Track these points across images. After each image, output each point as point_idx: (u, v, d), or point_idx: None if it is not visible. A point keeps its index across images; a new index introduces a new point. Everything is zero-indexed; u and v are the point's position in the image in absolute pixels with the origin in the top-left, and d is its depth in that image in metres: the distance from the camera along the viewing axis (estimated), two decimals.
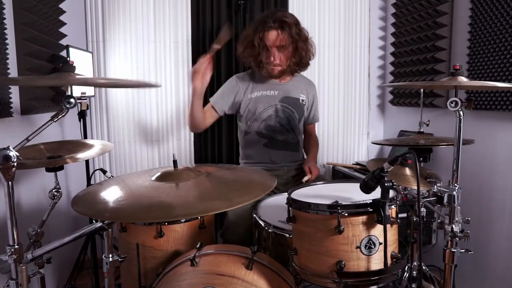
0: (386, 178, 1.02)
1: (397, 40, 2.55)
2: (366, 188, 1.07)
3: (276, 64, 1.90)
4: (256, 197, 1.04)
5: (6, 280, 1.02)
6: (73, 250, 2.13)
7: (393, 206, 1.10)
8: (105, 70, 2.42)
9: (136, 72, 2.47)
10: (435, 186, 1.20)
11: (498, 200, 1.81)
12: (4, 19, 1.46)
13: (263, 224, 1.40)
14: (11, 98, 1.51)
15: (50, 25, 1.87)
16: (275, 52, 1.88)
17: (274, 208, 1.54)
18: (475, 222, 1.87)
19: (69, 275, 2.05)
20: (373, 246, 1.05)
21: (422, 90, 1.91)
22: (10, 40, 1.53)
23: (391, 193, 1.08)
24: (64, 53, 2.04)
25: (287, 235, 1.32)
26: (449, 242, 1.17)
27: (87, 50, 2.25)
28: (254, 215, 1.47)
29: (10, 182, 0.93)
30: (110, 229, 1.11)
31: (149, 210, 0.98)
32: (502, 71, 1.70)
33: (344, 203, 1.05)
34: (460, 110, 1.13)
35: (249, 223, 1.55)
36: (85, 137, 2.02)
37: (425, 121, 1.59)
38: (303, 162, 2.12)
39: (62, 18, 2.01)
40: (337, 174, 2.63)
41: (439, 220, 1.24)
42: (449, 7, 2.09)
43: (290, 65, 1.93)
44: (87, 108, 2.02)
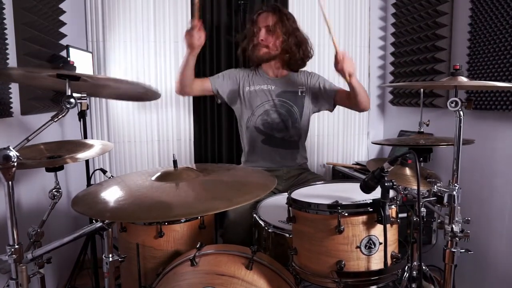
0: (386, 178, 1.02)
1: (397, 40, 2.55)
2: (366, 188, 1.07)
3: (263, 44, 1.93)
4: (256, 197, 1.04)
5: (6, 280, 1.02)
6: (73, 250, 2.13)
7: (393, 206, 1.10)
8: (105, 70, 2.42)
9: (136, 72, 2.47)
10: (435, 186, 1.20)
11: (498, 200, 1.81)
12: (4, 19, 1.46)
13: (263, 224, 1.40)
14: (11, 98, 1.51)
15: (50, 25, 1.87)
16: (263, 32, 1.93)
17: (274, 208, 1.54)
18: (475, 222, 1.87)
19: (69, 275, 2.04)
20: (373, 246, 1.05)
21: (422, 90, 1.91)
22: (10, 40, 1.53)
23: (391, 193, 1.08)
24: (64, 53, 2.04)
25: (287, 235, 1.32)
26: (449, 242, 1.17)
27: (87, 50, 2.25)
28: (254, 215, 1.47)
29: (10, 182, 0.93)
30: (110, 229, 1.11)
31: (149, 210, 0.98)
32: (502, 71, 1.70)
33: (344, 203, 1.05)
34: (460, 110, 1.13)
35: (249, 223, 1.55)
36: (85, 137, 2.02)
37: (425, 121, 1.59)
38: (304, 163, 2.11)
39: (62, 18, 2.01)
40: (337, 174, 2.63)
41: (439, 220, 1.24)
42: (449, 7, 2.09)
43: (281, 53, 1.95)
44: (87, 108, 2.02)
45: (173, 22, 2.47)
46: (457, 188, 1.16)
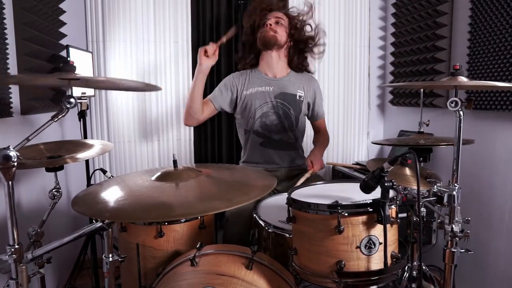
0: (386, 178, 1.02)
1: (397, 40, 2.55)
2: (366, 188, 1.07)
3: (271, 28, 1.94)
4: (256, 197, 1.04)
5: (6, 280, 1.02)
6: (73, 250, 2.13)
7: (393, 206, 1.09)
8: (105, 70, 2.42)
9: (136, 72, 2.47)
10: (435, 186, 1.20)
11: (498, 200, 1.81)
12: (4, 19, 1.46)
13: (263, 224, 1.40)
14: (11, 98, 1.51)
15: (50, 25, 1.87)
16: (272, 17, 1.96)
17: (274, 208, 1.54)
18: (475, 222, 1.87)
19: (69, 275, 2.04)
20: (373, 246, 1.05)
21: (422, 90, 1.91)
22: (10, 40, 1.53)
23: (391, 193, 1.08)
24: (64, 53, 2.04)
25: (287, 235, 1.32)
26: (449, 242, 1.17)
27: (87, 50, 2.25)
28: (254, 215, 1.47)
29: (10, 182, 0.93)
30: (110, 229, 1.11)
31: (149, 210, 0.98)
32: (502, 71, 1.70)
33: (344, 203, 1.05)
34: (460, 110, 1.13)
35: (249, 223, 1.54)
36: (85, 137, 2.02)
37: (425, 121, 1.59)
38: (303, 164, 2.11)
39: (62, 18, 2.01)
40: (337, 174, 2.63)
41: (439, 220, 1.24)
42: (449, 7, 2.09)
43: (285, 47, 1.98)
44: (87, 108, 2.03)
45: (173, 22, 2.47)
46: (457, 188, 1.15)
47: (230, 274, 1.10)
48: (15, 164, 0.91)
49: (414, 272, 1.47)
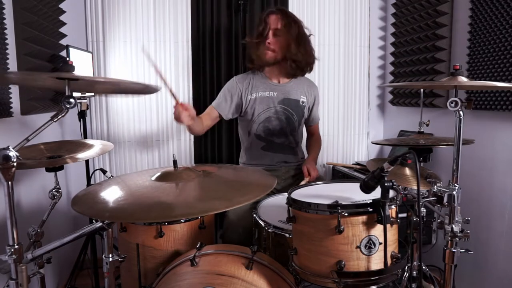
0: (386, 178, 1.02)
1: (397, 40, 2.55)
2: (366, 188, 1.07)
3: (269, 47, 1.91)
4: (256, 197, 1.04)
5: (6, 280, 1.02)
6: (73, 250, 2.13)
7: (393, 206, 1.09)
8: (105, 70, 2.42)
9: (136, 72, 2.47)
10: (435, 186, 1.20)
11: (498, 200, 1.81)
12: (4, 19, 1.46)
13: (263, 224, 1.40)
14: (11, 98, 1.51)
15: (50, 25, 1.87)
16: (270, 34, 1.91)
17: (274, 208, 1.54)
18: (475, 222, 1.87)
19: (69, 275, 2.04)
20: (373, 246, 1.05)
21: (422, 90, 1.91)
22: (10, 40, 1.53)
23: (391, 193, 1.08)
24: (64, 53, 2.04)
25: (287, 235, 1.32)
26: (449, 242, 1.17)
27: (87, 50, 2.25)
28: (254, 215, 1.47)
29: (10, 182, 0.93)
30: (110, 229, 1.11)
31: (149, 210, 0.98)
32: (502, 71, 1.70)
33: (344, 203, 1.05)
34: (460, 110, 1.13)
35: (249, 223, 1.55)
36: (85, 137, 2.02)
37: (425, 121, 1.59)
38: (302, 162, 2.12)
39: (62, 18, 2.01)
40: (337, 174, 2.63)
41: (439, 220, 1.24)
42: (449, 7, 2.09)
43: (285, 57, 1.92)
44: (87, 108, 2.02)
45: (173, 22, 2.47)
46: (457, 188, 1.15)
47: (230, 274, 1.10)
48: (15, 164, 0.91)
49: (414, 272, 1.47)
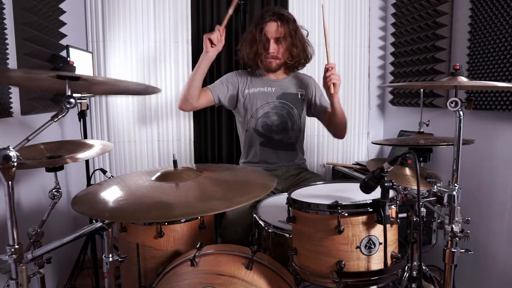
0: (386, 178, 1.02)
1: (397, 40, 2.55)
2: (366, 188, 1.07)
3: (273, 56, 1.92)
4: (256, 197, 1.04)
5: (6, 280, 1.02)
6: (73, 250, 2.13)
7: (393, 206, 1.09)
8: (105, 70, 2.42)
9: (136, 72, 2.47)
10: (435, 186, 1.20)
11: (498, 200, 1.81)
12: (4, 19, 1.46)
13: (263, 224, 1.40)
14: (11, 98, 1.51)
15: (50, 25, 1.87)
16: (273, 43, 1.91)
17: (274, 208, 1.54)
18: (475, 222, 1.87)
19: (69, 275, 2.04)
20: (373, 246, 1.05)
21: (422, 90, 1.91)
22: (10, 40, 1.53)
23: (391, 193, 1.08)
24: (64, 53, 2.04)
25: (287, 235, 1.32)
26: (449, 242, 1.17)
27: (87, 50, 2.25)
28: (254, 215, 1.47)
29: (10, 182, 0.93)
30: (110, 229, 1.11)
31: (149, 210, 0.98)
32: (502, 71, 1.70)
33: (344, 203, 1.05)
34: (460, 110, 1.13)
35: (247, 222, 1.55)
36: (85, 137, 2.02)
37: (425, 121, 1.59)
38: (302, 163, 2.12)
39: (62, 18, 2.01)
40: (337, 174, 2.63)
41: (439, 220, 1.24)
42: (449, 7, 2.09)
43: (287, 60, 1.95)
44: (87, 108, 2.02)
45: (173, 22, 2.47)
46: (457, 188, 1.16)
47: (230, 274, 1.10)
48: (15, 164, 0.91)
49: (414, 272, 1.47)
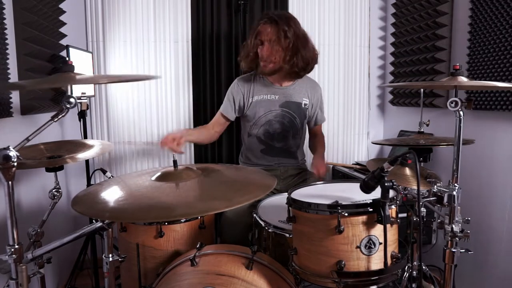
0: (386, 178, 1.02)
1: (397, 40, 2.55)
2: (366, 188, 1.07)
3: (268, 60, 1.85)
4: (256, 197, 1.04)
5: (6, 280, 1.02)
6: (73, 250, 2.13)
7: (393, 206, 1.10)
8: (105, 70, 2.42)
9: (136, 72, 2.47)
10: (435, 186, 1.20)
11: (498, 200, 1.81)
12: (4, 19, 1.46)
13: (263, 224, 1.40)
14: (11, 98, 1.51)
15: (50, 25, 1.87)
16: (267, 46, 1.84)
17: (274, 208, 1.54)
18: (475, 222, 1.87)
19: (69, 275, 2.05)
20: (373, 246, 1.05)
21: (422, 90, 1.91)
22: (10, 40, 1.53)
23: (391, 193, 1.08)
24: (64, 53, 2.04)
25: (287, 235, 1.32)
26: (449, 242, 1.17)
27: (87, 50, 2.25)
28: (254, 215, 1.47)
29: (10, 182, 0.93)
30: (110, 229, 1.11)
31: (149, 210, 0.98)
32: (502, 71, 1.70)
33: (344, 203, 1.05)
34: (460, 110, 1.13)
35: (246, 222, 1.54)
36: (85, 137, 2.02)
37: (425, 121, 1.59)
38: (302, 163, 2.12)
39: (62, 18, 2.01)
40: (337, 174, 2.63)
41: (439, 220, 1.24)
42: (449, 7, 2.09)
43: (285, 65, 1.85)
44: (87, 108, 2.03)
45: (173, 22, 2.47)
46: (457, 188, 1.16)
47: (230, 274, 1.10)
48: (15, 164, 0.91)
49: (414, 272, 1.47)
